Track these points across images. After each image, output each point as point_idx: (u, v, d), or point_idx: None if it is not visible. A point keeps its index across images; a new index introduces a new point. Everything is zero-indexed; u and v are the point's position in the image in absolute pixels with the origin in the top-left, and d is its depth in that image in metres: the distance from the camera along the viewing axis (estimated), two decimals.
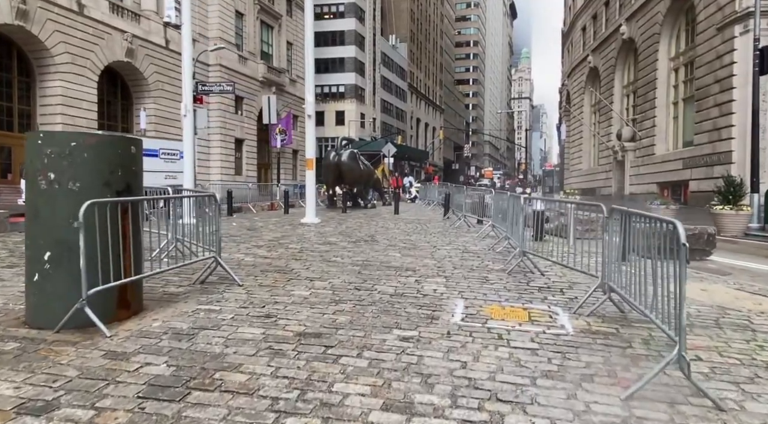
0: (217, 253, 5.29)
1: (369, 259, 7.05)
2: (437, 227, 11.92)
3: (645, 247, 3.67)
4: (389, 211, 16.84)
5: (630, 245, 4.03)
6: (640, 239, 3.78)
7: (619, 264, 4.39)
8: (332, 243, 8.58)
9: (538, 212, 9.86)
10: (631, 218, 4.02)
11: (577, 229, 12.07)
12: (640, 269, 3.80)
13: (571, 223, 6.89)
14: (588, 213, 11.51)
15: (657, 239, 3.28)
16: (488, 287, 5.50)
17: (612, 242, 4.52)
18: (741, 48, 20.68)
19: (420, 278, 5.83)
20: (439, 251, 8.10)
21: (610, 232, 4.51)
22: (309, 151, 11.78)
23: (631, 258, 4.03)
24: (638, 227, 3.92)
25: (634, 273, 3.95)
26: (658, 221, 3.31)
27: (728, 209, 13.45)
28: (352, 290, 5.13)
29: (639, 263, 3.90)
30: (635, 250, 3.93)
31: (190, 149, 11.75)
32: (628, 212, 4.08)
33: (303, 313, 4.21)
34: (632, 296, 3.93)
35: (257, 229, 10.64)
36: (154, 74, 30.66)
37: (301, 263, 6.62)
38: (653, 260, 3.38)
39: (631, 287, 4.02)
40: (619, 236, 4.37)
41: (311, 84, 11.80)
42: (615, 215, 4.38)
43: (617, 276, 4.39)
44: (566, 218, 9.42)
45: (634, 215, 3.93)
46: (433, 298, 4.92)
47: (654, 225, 3.40)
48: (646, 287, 3.64)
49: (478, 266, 6.75)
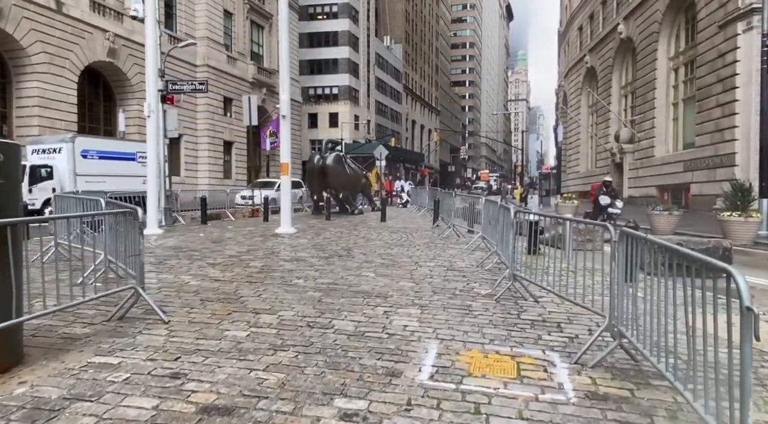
0: (138, 282, 4.33)
1: (337, 281, 6.10)
2: (424, 237, 10.98)
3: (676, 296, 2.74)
4: (377, 217, 15.89)
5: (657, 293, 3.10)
6: (669, 289, 2.84)
7: (634, 300, 3.46)
8: (301, 259, 7.62)
9: (533, 223, 8.92)
10: (650, 249, 3.08)
11: (575, 239, 11.11)
12: (662, 309, 2.87)
13: (569, 242, 5.98)
14: (585, 224, 10.54)
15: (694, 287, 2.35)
16: (471, 321, 4.56)
17: (621, 274, 3.59)
18: (744, 46, 19.85)
19: (391, 309, 4.88)
20: (421, 268, 7.15)
21: (618, 261, 3.57)
22: (284, 155, 10.82)
23: (646, 284, 3.10)
24: (659, 259, 2.99)
25: (656, 318, 3.02)
26: (702, 265, 2.36)
27: (736, 216, 12.55)
28: (303, 329, 4.18)
29: (658, 293, 2.98)
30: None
31: (154, 152, 10.78)
32: (646, 240, 3.14)
33: (225, 369, 3.25)
34: (653, 351, 2.99)
35: (223, 241, 9.67)
36: (138, 75, 29.63)
37: (254, 287, 5.65)
38: (691, 314, 2.45)
39: (650, 336, 3.09)
40: (625, 261, 3.45)
41: (286, 82, 10.85)
42: (625, 240, 3.45)
43: (630, 318, 3.46)
44: (563, 227, 8.50)
45: (658, 248, 2.99)
46: (400, 339, 3.97)
47: (691, 271, 2.46)
48: (675, 342, 2.71)
49: (462, 290, 5.81)
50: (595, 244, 10.77)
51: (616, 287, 3.60)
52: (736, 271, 1.97)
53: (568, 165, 44.83)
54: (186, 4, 33.66)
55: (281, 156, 10.98)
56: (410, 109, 79.82)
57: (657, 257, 2.96)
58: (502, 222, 6.41)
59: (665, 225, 14.71)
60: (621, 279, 3.59)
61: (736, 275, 1.94)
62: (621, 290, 3.57)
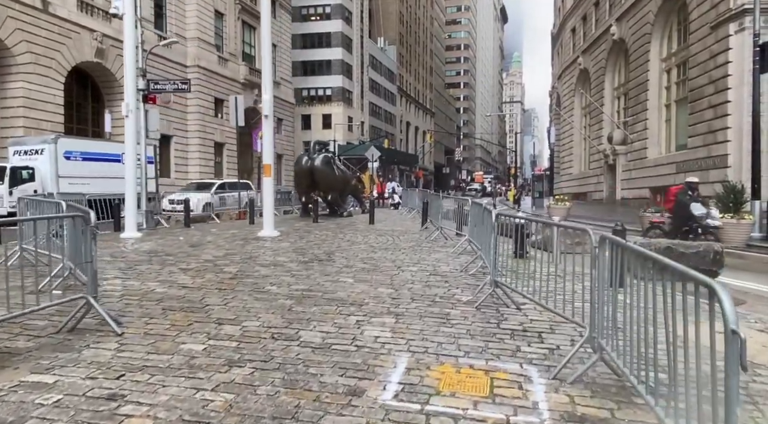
0: (89, 291, 4.04)
1: (312, 287, 5.82)
2: (410, 240, 10.72)
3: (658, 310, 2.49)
4: (366, 220, 15.61)
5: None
6: (652, 299, 2.59)
7: (614, 311, 3.21)
8: (278, 264, 7.33)
9: (519, 226, 8.68)
10: (630, 257, 2.83)
11: (564, 242, 10.88)
12: (642, 322, 2.63)
13: (556, 246, 5.76)
14: (574, 226, 10.35)
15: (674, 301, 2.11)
16: (447, 331, 4.29)
17: (602, 282, 3.34)
18: (736, 47, 19.75)
19: (364, 318, 4.62)
20: (402, 273, 6.89)
21: (599, 268, 3.32)
22: (266, 156, 10.53)
23: (634, 299, 2.85)
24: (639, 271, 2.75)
25: (636, 331, 2.77)
26: (682, 278, 2.12)
27: (729, 218, 12.39)
28: (266, 341, 3.90)
29: (638, 304, 2.73)
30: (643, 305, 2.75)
31: (132, 153, 10.47)
32: (625, 247, 2.90)
33: (170, 389, 2.97)
34: (633, 367, 2.74)
35: (202, 245, 9.37)
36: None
37: (223, 295, 5.37)
38: (672, 332, 2.20)
39: (630, 351, 2.84)
40: (611, 266, 3.21)
41: (269, 81, 10.56)
42: (606, 247, 3.20)
43: (611, 331, 3.21)
44: (551, 229, 8.27)
45: (636, 257, 2.74)
46: (369, 352, 3.70)
47: (673, 283, 2.22)
48: (655, 359, 2.46)
49: (442, 297, 5.55)
50: (585, 247, 10.58)
51: (597, 296, 3.35)
52: (721, 287, 1.72)
53: (561, 167, 44.74)
54: (176, 4, 33.31)
55: (263, 157, 10.70)
56: (404, 110, 79.67)
57: (637, 266, 2.71)
58: (485, 225, 6.17)
59: None
60: (602, 288, 3.34)
61: (721, 292, 1.69)
62: (602, 299, 3.32)
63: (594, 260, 3.39)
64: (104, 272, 6.46)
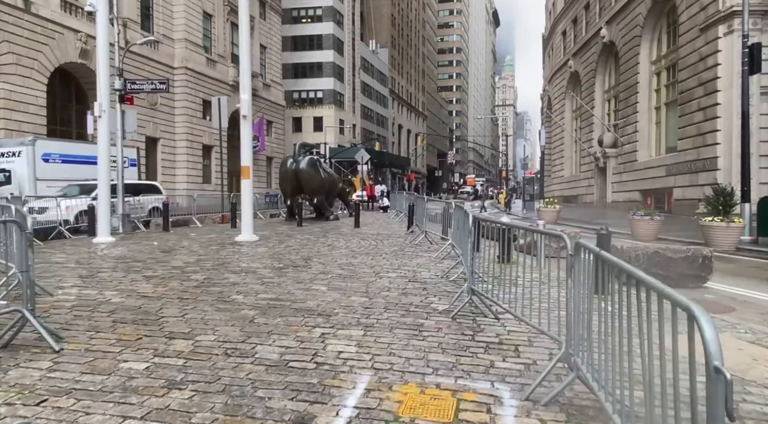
0: (25, 303, 3.69)
1: (281, 296, 5.50)
2: (394, 245, 10.41)
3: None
4: (352, 223, 15.29)
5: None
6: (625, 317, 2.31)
7: (589, 328, 2.92)
8: (251, 271, 7.00)
9: (504, 230, 8.42)
10: (604, 267, 2.55)
11: (551, 246, 10.62)
12: (623, 345, 2.34)
13: (541, 251, 5.47)
14: (561, 229, 10.11)
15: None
16: (417, 344, 3.99)
17: (578, 292, 3.05)
18: (725, 49, 19.70)
19: (330, 330, 4.30)
20: (380, 280, 6.58)
21: (575, 278, 3.03)
22: (244, 158, 10.20)
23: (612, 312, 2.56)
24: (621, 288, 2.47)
25: (614, 351, 2.48)
26: (659, 297, 1.84)
27: (718, 221, 12.19)
28: (218, 358, 3.58)
29: (612, 321, 2.45)
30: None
31: (105, 155, 10.10)
32: (598, 256, 2.62)
33: (93, 418, 2.64)
34: (609, 390, 2.45)
35: (174, 250, 9.01)
36: (111, 77, 28.73)
37: (183, 305, 5.04)
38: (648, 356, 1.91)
39: (606, 372, 2.55)
40: (595, 272, 2.92)
41: (247, 81, 10.24)
42: (583, 254, 2.91)
43: (587, 347, 2.92)
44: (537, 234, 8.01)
45: (609, 268, 2.46)
46: (328, 371, 3.39)
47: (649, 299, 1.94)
48: (630, 385, 2.17)
49: (417, 306, 5.24)
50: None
51: (573, 308, 3.06)
52: (701, 312, 1.42)
53: (552, 170, 44.68)
54: (164, 5, 32.90)
55: (242, 159, 10.36)
56: (397, 113, 79.51)
57: (612, 278, 2.42)
58: (462, 229, 5.88)
59: (647, 230, 14.33)
60: (579, 299, 3.05)
61: (701, 318, 1.39)
62: (578, 312, 3.03)
63: (570, 269, 3.10)
64: (63, 279, 6.12)
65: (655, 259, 7.04)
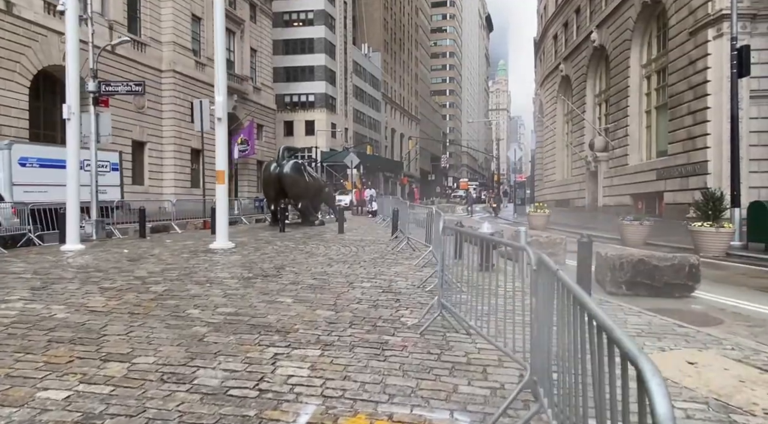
0: None
1: (241, 310, 5.15)
2: (375, 252, 10.08)
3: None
4: (337, 229, 14.94)
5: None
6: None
7: (548, 350, 2.59)
8: (216, 281, 6.65)
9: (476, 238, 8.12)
10: (567, 296, 2.22)
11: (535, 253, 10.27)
12: (578, 379, 2.02)
13: (524, 258, 5.15)
14: (548, 235, 9.80)
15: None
16: (377, 366, 3.66)
17: (542, 313, 2.73)
18: (715, 52, 19.59)
19: (285, 350, 3.96)
20: (352, 291, 6.25)
21: (540, 297, 2.71)
22: (219, 162, 9.83)
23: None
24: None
25: (570, 384, 2.15)
26: (608, 341, 1.51)
27: (708, 226, 11.96)
28: (151, 384, 3.23)
29: (568, 348, 2.11)
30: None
31: (74, 159, 9.71)
32: (557, 277, 2.29)
33: None
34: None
35: (143, 259, 8.62)
36: (88, 78, 28.31)
37: (131, 321, 4.68)
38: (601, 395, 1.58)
39: (565, 407, 2.23)
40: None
41: (222, 82, 9.89)
42: (545, 272, 2.59)
43: (548, 377, 2.59)
44: (518, 238, 7.70)
45: (564, 292, 2.14)
46: (271, 400, 3.05)
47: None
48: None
49: (386, 320, 4.91)
50: (558, 258, 10.03)
51: (538, 331, 2.74)
52: (652, 371, 1.09)
53: (544, 174, 44.57)
54: (151, 7, 32.52)
55: (216, 163, 9.99)
56: (389, 117, 79.34)
57: (567, 303, 2.09)
58: (436, 233, 5.56)
59: (636, 235, 14.10)
60: (543, 321, 2.73)
61: (652, 383, 1.06)
62: (543, 336, 2.71)
63: (533, 286, 2.78)
64: (12, 292, 5.75)
65: (640, 267, 6.75)
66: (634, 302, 6.38)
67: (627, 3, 26.92)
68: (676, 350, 4.24)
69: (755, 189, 18.70)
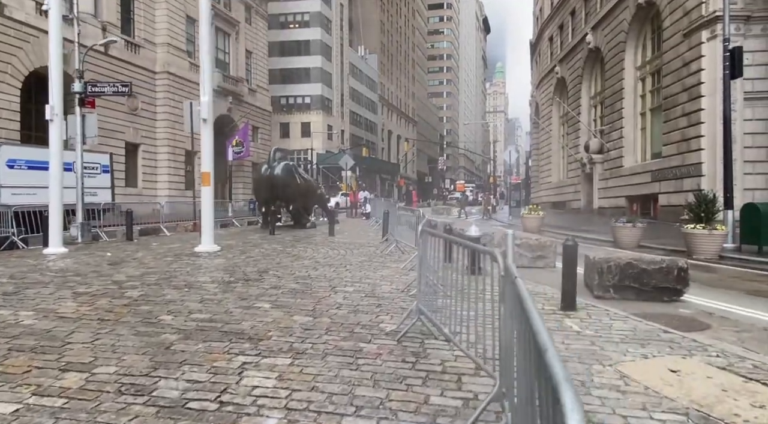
0: None
1: (215, 316, 5.01)
2: (363, 255, 9.95)
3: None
4: (329, 231, 14.80)
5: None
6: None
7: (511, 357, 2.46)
8: (195, 286, 6.50)
9: (473, 239, 8.01)
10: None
11: (526, 255, 10.15)
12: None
13: (477, 272, 5.00)
14: (537, 238, 9.68)
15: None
16: (348, 375, 3.52)
17: (512, 322, 2.60)
18: (709, 54, 19.53)
19: (254, 358, 3.82)
20: (334, 295, 6.11)
21: (507, 305, 2.58)
22: (205, 164, 9.70)
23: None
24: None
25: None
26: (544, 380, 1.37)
27: (700, 229, 11.86)
28: (107, 396, 3.09)
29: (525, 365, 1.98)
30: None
31: (57, 161, 9.57)
32: (515, 285, 2.17)
33: None
34: None
35: (124, 262, 8.47)
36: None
37: (98, 329, 4.53)
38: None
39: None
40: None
41: (207, 82, 9.76)
42: (509, 278, 2.46)
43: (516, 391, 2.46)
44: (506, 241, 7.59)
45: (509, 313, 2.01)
46: (230, 413, 2.91)
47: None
48: None
49: (364, 326, 4.78)
50: (547, 261, 9.91)
51: (506, 341, 2.60)
52: (571, 399, 0.95)
53: (540, 176, 44.52)
54: (145, 8, 32.40)
55: (201, 165, 9.85)
56: (386, 119, 79.30)
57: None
58: (416, 236, 5.43)
59: (629, 238, 14.00)
60: (513, 328, 2.60)
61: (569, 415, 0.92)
62: (511, 346, 2.57)
63: (502, 293, 2.65)
64: None
65: (627, 270, 6.64)
66: (622, 306, 6.26)
67: (622, 5, 26.90)
68: (660, 357, 4.11)
69: (750, 191, 18.64)
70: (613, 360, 4.00)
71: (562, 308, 5.63)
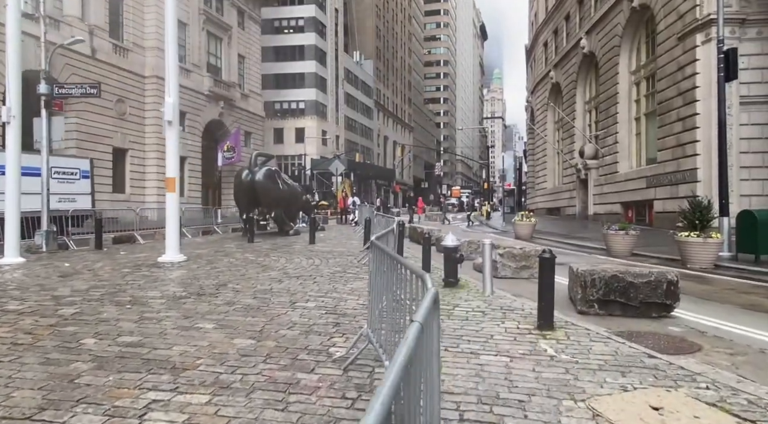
0: None
1: (145, 339, 4.46)
2: (338, 265, 9.41)
3: None
4: (316, 238, 14.24)
5: None
6: None
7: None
8: (140, 302, 5.95)
9: (450, 249, 7.50)
10: None
11: (509, 266, 9.59)
12: None
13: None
14: (522, 246, 9.19)
15: None
16: (270, 417, 2.97)
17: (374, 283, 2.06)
18: (703, 57, 19.14)
19: (168, 395, 3.27)
20: (291, 312, 5.57)
21: (373, 273, 2.05)
22: (170, 169, 9.17)
23: None
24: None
25: None
26: None
27: (695, 237, 11.34)
28: None
29: None
30: None
31: (14, 165, 9.04)
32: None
33: None
34: None
35: (78, 274, 7.91)
36: (57, 83, 27.66)
37: (5, 355, 3.98)
38: None
39: None
40: None
41: (173, 82, 9.25)
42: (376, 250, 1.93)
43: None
44: (484, 252, 7.06)
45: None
46: None
47: None
48: None
49: (312, 351, 4.23)
50: (533, 271, 9.37)
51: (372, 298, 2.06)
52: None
53: (536, 181, 44.09)
54: (134, 12, 32.00)
55: (167, 170, 9.33)
56: (382, 125, 78.95)
57: None
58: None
59: (621, 245, 13.50)
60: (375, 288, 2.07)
61: None
62: (374, 300, 2.04)
63: (371, 263, 2.11)
64: None
65: (613, 284, 6.11)
66: (606, 323, 5.74)
67: (616, 9, 26.57)
68: (641, 389, 3.58)
69: (746, 197, 18.19)
70: (587, 394, 3.46)
71: (539, 326, 5.10)
